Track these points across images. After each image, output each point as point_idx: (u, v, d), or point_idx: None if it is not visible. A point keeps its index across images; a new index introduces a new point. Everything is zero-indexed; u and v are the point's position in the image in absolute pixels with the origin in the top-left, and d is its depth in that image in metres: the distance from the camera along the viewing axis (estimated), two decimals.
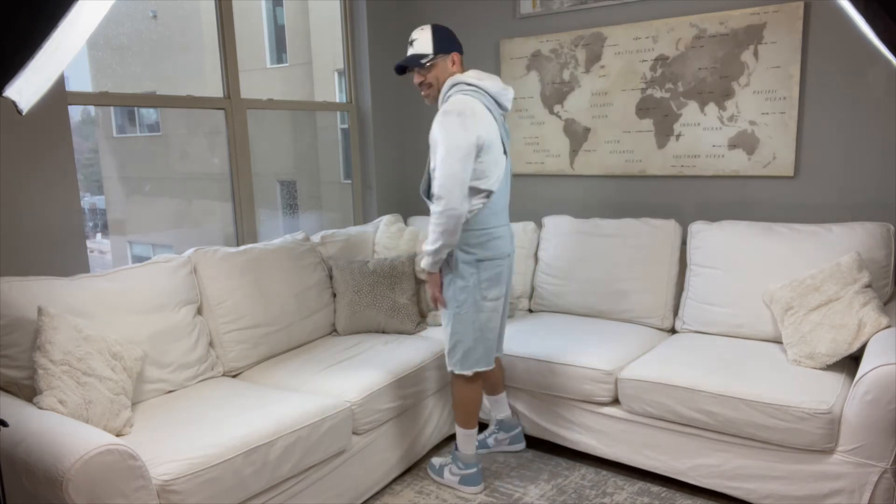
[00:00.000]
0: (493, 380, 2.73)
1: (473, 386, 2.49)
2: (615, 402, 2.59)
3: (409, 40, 2.40)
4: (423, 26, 2.38)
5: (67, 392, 1.91)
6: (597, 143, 3.39)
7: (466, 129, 2.21)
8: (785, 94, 2.89)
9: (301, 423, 2.13)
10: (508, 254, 2.42)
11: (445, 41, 2.37)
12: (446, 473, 2.61)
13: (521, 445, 2.85)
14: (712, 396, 2.30)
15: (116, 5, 1.54)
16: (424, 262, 2.34)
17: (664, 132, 3.20)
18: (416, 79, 2.41)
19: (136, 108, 3.27)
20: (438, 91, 2.40)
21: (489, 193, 2.32)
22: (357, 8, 3.72)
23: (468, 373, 2.44)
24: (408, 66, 2.39)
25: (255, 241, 3.22)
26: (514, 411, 2.86)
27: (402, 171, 4.03)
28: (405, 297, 3.07)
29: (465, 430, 2.54)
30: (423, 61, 2.36)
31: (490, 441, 2.85)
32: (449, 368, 2.48)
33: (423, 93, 2.43)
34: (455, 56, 2.39)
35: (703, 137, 3.10)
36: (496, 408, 2.81)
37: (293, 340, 2.86)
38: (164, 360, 2.36)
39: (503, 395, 2.79)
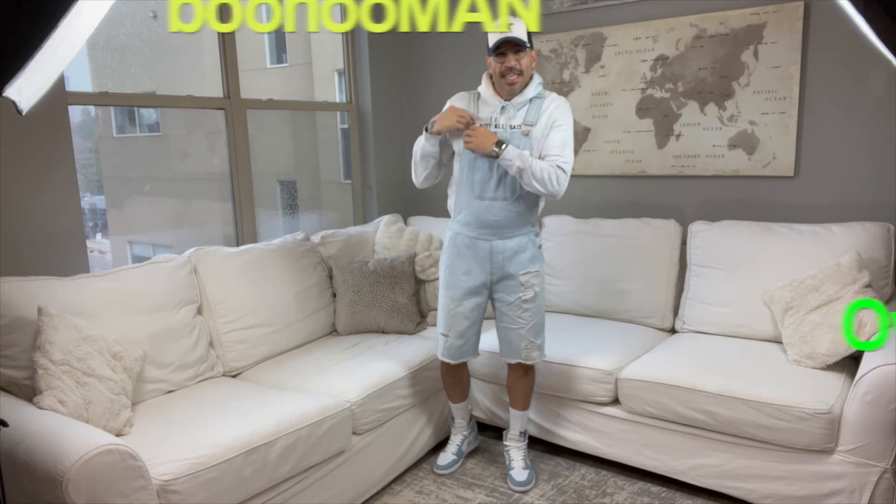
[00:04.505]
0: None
1: None
2: (615, 402, 2.59)
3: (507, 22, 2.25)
4: (512, 16, 2.27)
5: (67, 392, 1.91)
6: (597, 143, 3.39)
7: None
8: (785, 94, 2.89)
9: (301, 423, 2.13)
10: None
11: (531, 38, 2.31)
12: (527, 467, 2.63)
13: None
14: (712, 396, 2.30)
15: (116, 5, 1.54)
16: (511, 153, 2.21)
17: (664, 132, 3.20)
18: (511, 61, 2.25)
19: (136, 108, 3.27)
20: (524, 82, 2.32)
21: None
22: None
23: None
24: (521, 43, 2.23)
25: (255, 241, 3.21)
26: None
27: (402, 171, 4.02)
28: (405, 297, 3.07)
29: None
30: (529, 46, 2.28)
31: (465, 447, 2.80)
32: (536, 360, 2.51)
33: (509, 78, 2.27)
34: (534, 54, 2.36)
35: (703, 137, 3.10)
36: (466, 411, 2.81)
37: (293, 340, 2.86)
38: (164, 360, 2.36)
39: None
